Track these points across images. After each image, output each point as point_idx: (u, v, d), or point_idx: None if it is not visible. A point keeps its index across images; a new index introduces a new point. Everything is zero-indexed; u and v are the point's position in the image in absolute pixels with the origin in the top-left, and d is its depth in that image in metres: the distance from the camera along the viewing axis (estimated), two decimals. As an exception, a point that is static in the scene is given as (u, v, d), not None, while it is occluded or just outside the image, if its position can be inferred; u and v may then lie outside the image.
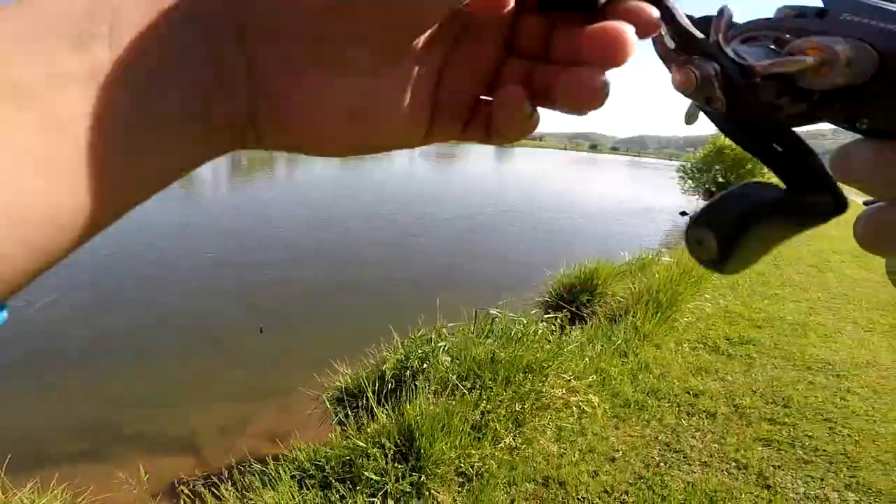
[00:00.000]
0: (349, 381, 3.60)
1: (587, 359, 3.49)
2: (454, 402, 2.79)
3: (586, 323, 4.48)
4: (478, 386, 3.02)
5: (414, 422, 2.61)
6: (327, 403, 3.48)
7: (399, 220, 14.47)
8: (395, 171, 31.41)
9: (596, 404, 3.02)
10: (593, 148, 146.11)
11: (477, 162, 47.74)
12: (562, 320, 4.07)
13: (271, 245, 11.21)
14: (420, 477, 2.47)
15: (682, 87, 0.20)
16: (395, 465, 2.49)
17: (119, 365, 5.85)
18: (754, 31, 0.22)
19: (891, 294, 5.91)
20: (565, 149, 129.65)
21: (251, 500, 2.35)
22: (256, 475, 2.53)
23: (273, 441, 4.62)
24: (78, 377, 5.55)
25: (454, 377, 3.03)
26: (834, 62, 0.17)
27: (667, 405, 3.22)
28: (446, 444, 2.55)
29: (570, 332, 4.02)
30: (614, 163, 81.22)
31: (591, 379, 3.29)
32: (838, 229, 11.82)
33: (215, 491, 2.48)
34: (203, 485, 2.68)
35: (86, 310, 7.48)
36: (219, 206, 16.12)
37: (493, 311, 3.98)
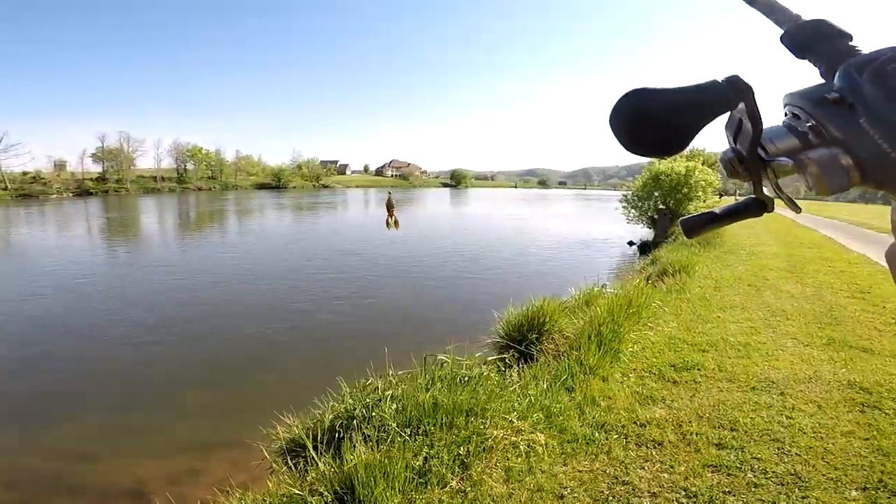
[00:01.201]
0: (296, 431, 3.53)
1: (531, 397, 3.41)
2: (395, 449, 2.72)
3: (535, 361, 4.39)
4: (420, 432, 2.95)
5: (353, 470, 2.55)
6: (267, 454, 3.41)
7: (350, 265, 14.33)
8: (349, 217, 31.29)
9: (542, 442, 2.93)
10: (542, 184, 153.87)
11: (432, 203, 48.68)
12: (508, 360, 3.98)
13: (219, 299, 10.76)
14: (361, 524, 2.39)
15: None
16: (334, 512, 2.43)
17: (59, 419, 5.38)
18: (799, 109, 0.41)
19: (825, 306, 6.19)
20: (516, 186, 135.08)
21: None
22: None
23: (226, 492, 4.35)
24: (15, 431, 5.10)
25: (395, 424, 2.97)
26: (818, 186, 0.36)
27: (615, 437, 3.13)
28: (387, 490, 2.47)
29: (515, 371, 3.94)
30: (562, 197, 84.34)
31: (535, 416, 3.21)
32: (776, 247, 12.82)
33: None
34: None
35: (19, 367, 6.88)
36: (168, 260, 15.62)
37: (441, 357, 3.87)
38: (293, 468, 2.97)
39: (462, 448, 2.83)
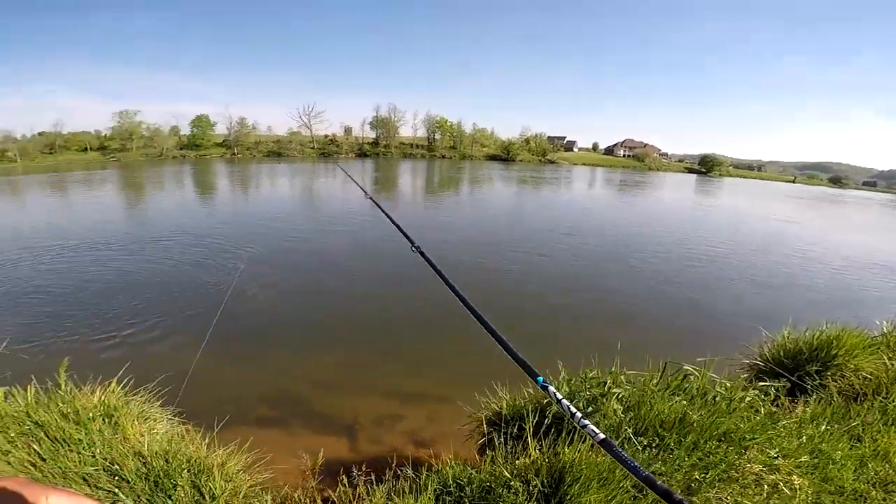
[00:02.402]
0: (506, 406, 3.55)
1: (804, 437, 2.82)
2: (623, 457, 2.47)
3: (810, 396, 3.52)
4: (655, 445, 2.67)
5: (568, 465, 2.41)
6: (484, 424, 3.44)
7: (579, 249, 14.01)
8: (571, 197, 30.53)
9: (798, 486, 2.44)
10: (836, 182, 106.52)
11: (671, 192, 42.91)
12: (778, 390, 3.27)
13: (453, 259, 12.12)
14: (558, 524, 2.24)
15: None
16: (535, 504, 2.34)
17: (310, 347, 7.14)
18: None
19: None
20: (794, 181, 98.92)
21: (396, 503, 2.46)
22: (408, 480, 2.63)
23: (416, 443, 5.01)
24: (278, 354, 6.96)
25: (629, 430, 2.71)
26: None
27: None
28: (600, 497, 2.29)
29: (786, 404, 3.21)
30: (867, 202, 58.33)
31: (801, 459, 2.66)
32: None
33: (369, 487, 2.63)
34: (356, 472, 2.86)
35: (293, 298, 9.34)
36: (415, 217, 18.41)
37: (687, 367, 3.43)
38: (492, 443, 2.91)
39: (700, 473, 2.49)
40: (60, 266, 10.71)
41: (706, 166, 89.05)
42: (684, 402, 2.97)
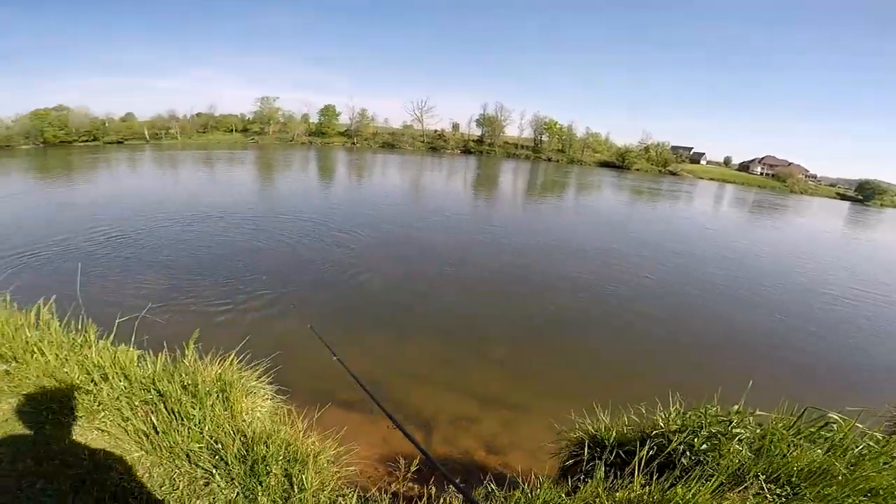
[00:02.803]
0: (604, 430, 3.32)
1: None
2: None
3: None
4: (788, 495, 2.40)
5: None
6: (585, 451, 3.23)
7: (689, 272, 12.80)
8: (692, 216, 27.84)
9: None
10: None
11: (813, 219, 37.07)
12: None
13: (560, 274, 11.70)
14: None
15: None
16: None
17: (404, 336, 7.39)
18: None
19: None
20: None
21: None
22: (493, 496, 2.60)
23: (488, 449, 4.94)
24: (374, 337, 7.23)
25: (762, 477, 2.44)
26: None
27: None
28: None
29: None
30: None
31: None
32: None
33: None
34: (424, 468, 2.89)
35: (396, 285, 9.76)
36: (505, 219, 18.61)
37: (832, 415, 2.99)
38: (578, 465, 2.72)
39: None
40: (199, 234, 12.42)
41: (864, 193, 74.31)
42: (820, 452, 2.61)
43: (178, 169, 31.39)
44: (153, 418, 2.73)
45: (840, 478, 2.40)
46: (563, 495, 2.52)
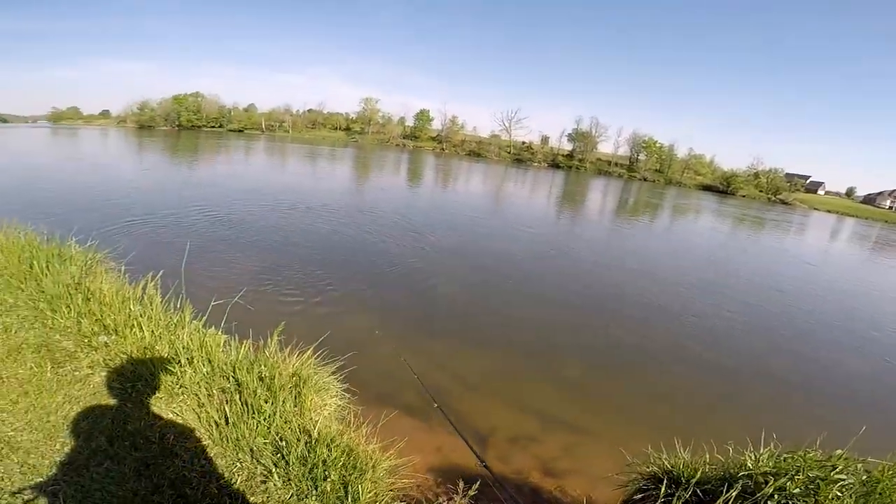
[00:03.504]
0: (682, 465, 3.15)
1: None
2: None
3: None
4: None
5: None
6: (662, 487, 3.00)
7: (786, 312, 11.19)
8: (799, 252, 24.45)
9: None
10: None
11: None
12: None
13: (641, 298, 10.97)
14: None
15: None
16: None
17: (471, 343, 7.22)
18: None
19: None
20: None
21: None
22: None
23: (545, 472, 4.61)
24: (441, 343, 7.13)
25: None
26: None
27: None
28: None
29: None
30: None
31: None
32: None
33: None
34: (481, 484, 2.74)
35: (468, 291, 9.69)
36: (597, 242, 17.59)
37: None
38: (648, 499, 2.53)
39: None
40: (295, 223, 13.30)
41: None
42: None
43: (285, 161, 34.33)
44: (226, 408, 2.78)
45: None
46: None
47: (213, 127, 65.52)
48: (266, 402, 2.89)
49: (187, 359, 3.12)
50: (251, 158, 34.34)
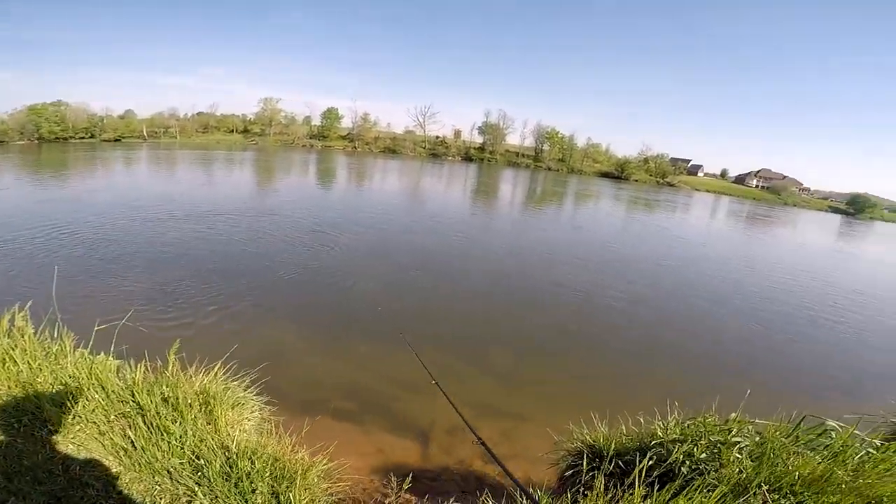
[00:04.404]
0: (603, 439, 3.31)
1: None
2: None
3: None
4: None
5: None
6: (585, 460, 3.20)
7: (695, 283, 12.72)
8: (682, 228, 27.75)
9: None
10: None
11: (797, 231, 37.23)
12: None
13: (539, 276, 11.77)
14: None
15: None
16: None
17: (396, 343, 7.15)
18: None
19: None
20: None
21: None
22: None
23: (486, 459, 4.70)
24: (362, 344, 7.10)
25: (764, 487, 2.41)
26: None
27: None
28: None
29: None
30: None
31: None
32: None
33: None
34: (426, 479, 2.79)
35: (386, 290, 9.60)
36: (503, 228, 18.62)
37: (830, 422, 2.96)
38: (577, 476, 2.71)
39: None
40: (186, 234, 12.30)
41: (855, 207, 75.87)
42: (820, 460, 2.59)
43: (172, 169, 31.24)
44: (131, 433, 2.66)
45: (843, 486, 2.38)
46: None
47: (83, 138, 57.47)
48: (174, 423, 2.77)
49: (76, 388, 2.90)
50: (131, 168, 30.72)
